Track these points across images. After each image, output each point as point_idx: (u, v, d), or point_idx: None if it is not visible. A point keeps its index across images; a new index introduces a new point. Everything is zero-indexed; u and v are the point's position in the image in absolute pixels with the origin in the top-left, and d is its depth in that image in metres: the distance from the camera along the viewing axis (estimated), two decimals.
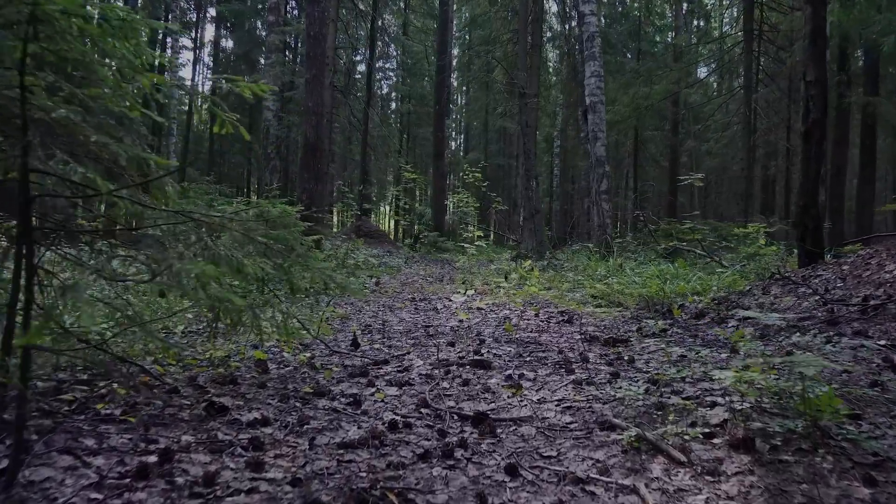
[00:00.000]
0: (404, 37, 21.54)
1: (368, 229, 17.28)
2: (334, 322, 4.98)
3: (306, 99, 9.93)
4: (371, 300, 6.50)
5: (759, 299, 4.31)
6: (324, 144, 9.90)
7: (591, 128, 10.23)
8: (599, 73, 10.28)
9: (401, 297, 6.73)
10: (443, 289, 7.58)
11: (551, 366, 3.08)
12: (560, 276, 7.88)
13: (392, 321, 4.99)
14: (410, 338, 4.12)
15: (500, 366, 3.08)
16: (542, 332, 4.11)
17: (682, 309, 4.43)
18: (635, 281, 5.08)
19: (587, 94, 10.31)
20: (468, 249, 6.34)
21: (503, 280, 6.86)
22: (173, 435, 1.87)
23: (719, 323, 3.99)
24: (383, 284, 8.22)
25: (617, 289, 4.92)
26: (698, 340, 3.60)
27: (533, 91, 13.14)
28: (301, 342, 3.65)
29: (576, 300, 5.30)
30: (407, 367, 3.08)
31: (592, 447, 1.94)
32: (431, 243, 17.05)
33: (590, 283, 6.55)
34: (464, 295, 6.44)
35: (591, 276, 7.36)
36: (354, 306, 6.04)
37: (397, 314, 5.41)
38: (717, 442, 1.88)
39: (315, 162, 9.78)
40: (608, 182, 10.20)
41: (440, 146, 19.48)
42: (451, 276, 9.40)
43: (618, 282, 5.25)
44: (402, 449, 1.94)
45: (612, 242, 10.19)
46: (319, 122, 9.80)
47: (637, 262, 8.08)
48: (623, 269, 7.75)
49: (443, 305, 5.82)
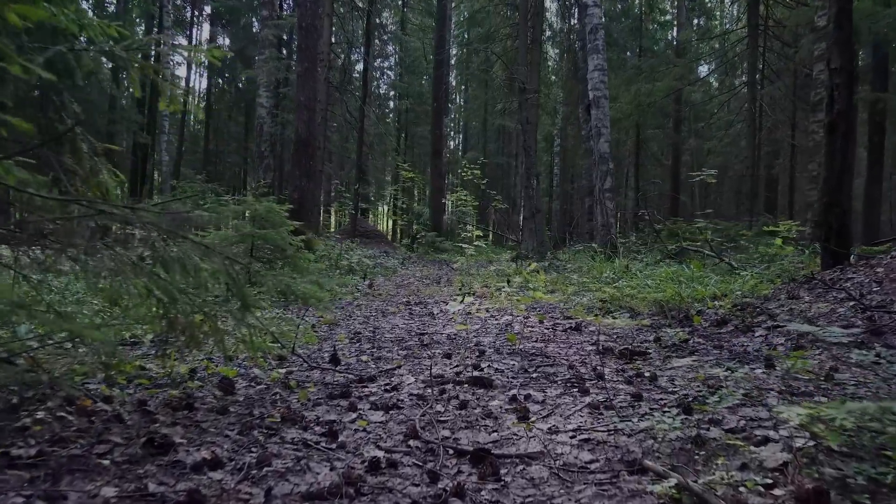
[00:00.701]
0: (402, 33, 21.14)
1: (365, 229, 16.88)
2: (321, 329, 4.59)
3: (297, 93, 9.53)
4: (363, 304, 6.11)
5: (786, 305, 3.92)
6: (316, 140, 9.52)
7: (594, 123, 9.84)
8: (603, 67, 9.89)
9: (395, 301, 6.33)
10: (440, 291, 7.19)
11: (562, 384, 2.69)
12: (563, 279, 7.49)
13: (384, 328, 4.59)
14: (403, 347, 3.73)
15: (502, 384, 2.69)
16: (548, 341, 3.71)
17: (701, 315, 4.04)
18: (647, 284, 4.69)
19: (590, 89, 9.92)
20: (467, 250, 5.95)
21: (505, 283, 6.47)
22: (90, 488, 1.48)
23: (745, 332, 3.60)
24: (377, 286, 7.82)
25: (628, 293, 4.54)
26: (724, 352, 3.21)
27: (533, 86, 12.75)
28: (278, 355, 3.25)
29: (583, 305, 4.91)
30: (396, 386, 2.69)
31: (621, 498, 1.54)
32: (429, 243, 16.65)
33: (596, 285, 6.16)
34: (462, 300, 6.05)
35: (596, 279, 6.97)
36: (346, 311, 5.65)
37: (390, 320, 5.01)
38: (780, 494, 1.48)
39: (307, 159, 9.39)
40: (612, 180, 9.81)
41: (438, 144, 19.08)
42: (448, 278, 9.01)
43: (628, 285, 4.85)
44: (382, 499, 1.55)
45: (618, 242, 9.81)
46: (312, 118, 9.40)
47: (644, 264, 7.69)
48: (630, 270, 7.36)
49: (439, 310, 5.43)
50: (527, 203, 12.31)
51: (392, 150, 23.92)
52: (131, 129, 22.37)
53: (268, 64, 15.81)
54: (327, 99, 15.40)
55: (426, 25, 27.07)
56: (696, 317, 3.82)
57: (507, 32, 16.12)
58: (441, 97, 18.80)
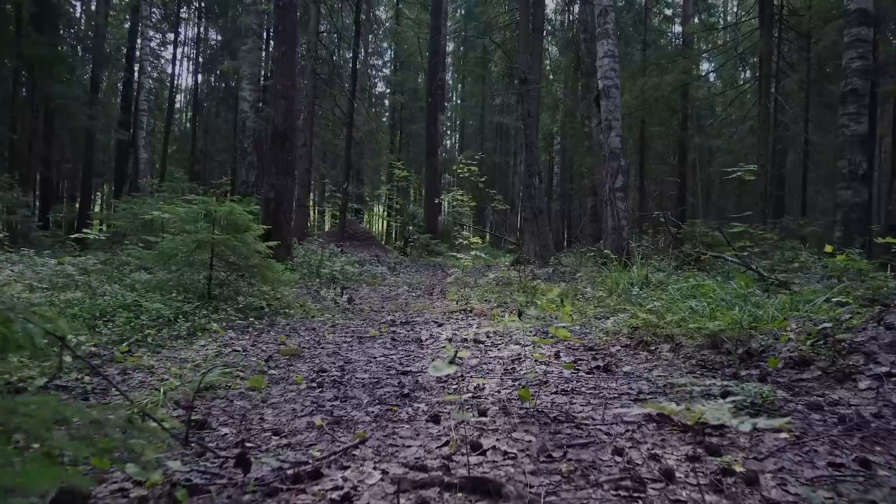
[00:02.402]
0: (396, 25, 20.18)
1: (355, 231, 15.90)
2: (278, 363, 3.62)
3: (274, 80, 8.54)
4: (339, 324, 5.12)
5: (883, 337, 2.96)
6: (295, 133, 8.53)
7: (604, 116, 8.88)
8: (614, 53, 8.93)
9: (378, 320, 5.35)
10: (432, 307, 6.22)
11: (610, 488, 1.71)
12: (574, 290, 6.52)
13: (357, 362, 3.62)
14: (375, 399, 2.76)
15: (516, 491, 1.71)
16: (573, 392, 2.74)
17: (769, 351, 3.08)
18: (692, 307, 3.72)
19: (599, 77, 8.96)
20: (464, 262, 4.98)
21: (507, 299, 5.50)
22: None
23: (840, 380, 2.64)
24: (361, 299, 6.84)
25: (671, 319, 3.57)
26: (827, 415, 2.25)
27: (535, 77, 11.80)
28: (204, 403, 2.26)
29: (607, 331, 3.94)
30: (349, 494, 1.71)
31: None
32: (423, 246, 15.68)
33: (616, 301, 5.19)
34: (456, 320, 5.08)
35: (613, 291, 6.01)
36: (316, 334, 4.67)
37: (367, 349, 4.03)
38: None
39: (285, 154, 8.40)
40: (624, 178, 8.85)
41: (433, 141, 18.11)
42: (442, 288, 8.04)
43: (665, 307, 3.88)
44: None
45: (631, 248, 8.85)
46: (290, 108, 8.41)
47: (666, 274, 6.73)
48: (651, 281, 6.40)
49: (429, 335, 4.46)
50: (527, 203, 11.36)
51: (385, 148, 22.93)
52: (111, 125, 21.37)
53: (250, 54, 14.79)
54: (314, 92, 14.43)
55: (421, 20, 26.14)
56: (772, 359, 2.85)
57: (507, 22, 15.16)
58: (436, 91, 17.83)
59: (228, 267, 6.11)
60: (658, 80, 15.19)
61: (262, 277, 5.85)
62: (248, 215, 5.66)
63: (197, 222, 5.58)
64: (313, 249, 9.73)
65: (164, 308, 4.84)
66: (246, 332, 4.69)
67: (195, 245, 5.47)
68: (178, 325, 4.46)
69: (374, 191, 28.40)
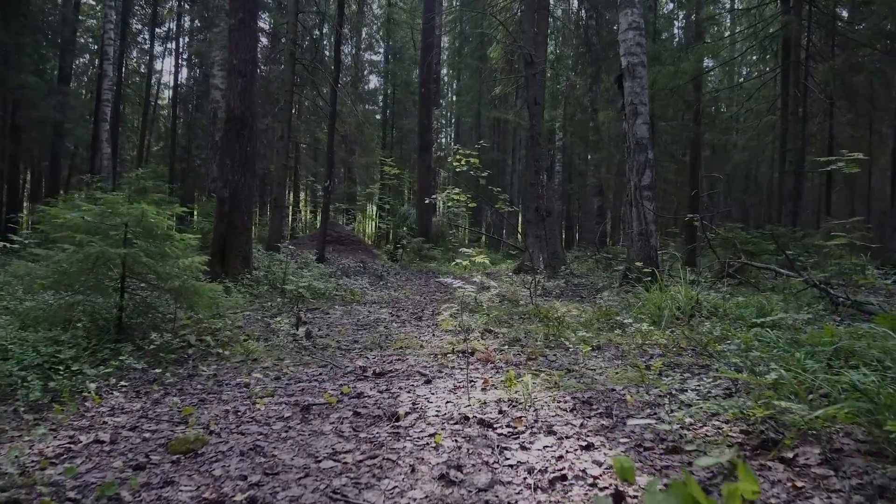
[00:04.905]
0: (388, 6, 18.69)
1: (339, 235, 14.37)
2: (156, 472, 2.12)
3: (230, 54, 7.02)
4: (285, 377, 3.62)
5: None
6: (255, 119, 7.03)
7: (628, 99, 7.42)
8: (639, 25, 7.47)
9: (342, 366, 3.85)
10: (419, 338, 4.73)
11: None
12: (602, 315, 5.04)
13: (286, 475, 2.13)
14: None
15: None
16: None
17: None
18: (852, 383, 2.23)
19: (623, 54, 7.50)
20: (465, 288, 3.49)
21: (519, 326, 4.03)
22: None
23: None
24: (330, 326, 5.34)
25: (797, 389, 2.09)
26: None
27: (541, 59, 10.33)
28: None
29: (695, 413, 2.46)
30: None
31: None
32: (415, 251, 14.17)
33: (670, 338, 3.73)
34: (451, 369, 3.58)
35: (657, 319, 4.54)
36: (245, 396, 3.18)
37: (310, 438, 2.54)
38: None
39: (242, 143, 6.88)
40: (653, 173, 7.39)
41: (426, 136, 16.60)
42: (434, 309, 6.54)
43: (790, 376, 2.40)
44: None
45: (657, 257, 7.40)
46: (249, 87, 6.90)
47: (722, 296, 5.29)
48: (702, 305, 4.94)
49: (411, 403, 2.96)
50: (531, 203, 9.91)
51: (376, 144, 21.41)
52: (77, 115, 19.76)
53: (222, 36, 13.25)
54: (293, 79, 12.89)
55: (415, 7, 24.66)
56: None
57: (507, 2, 13.68)
58: (429, 81, 16.33)
59: (155, 288, 4.60)
60: (674, 69, 13.74)
61: (189, 303, 4.34)
62: (166, 220, 4.15)
63: (97, 233, 4.07)
64: (279, 259, 8.20)
65: (30, 354, 3.34)
66: (142, 395, 3.19)
67: (92, 261, 3.96)
68: (30, 387, 2.95)
69: (365, 190, 26.89)
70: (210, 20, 20.87)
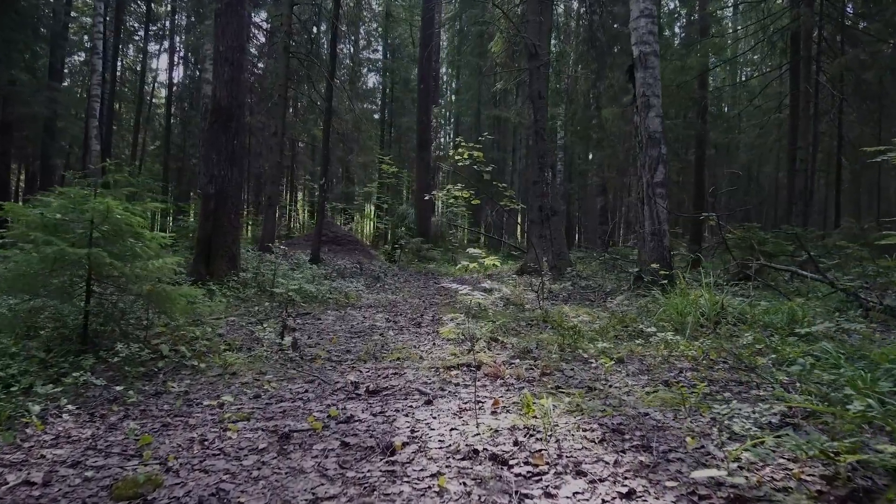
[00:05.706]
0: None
1: (336, 234, 13.91)
2: None
3: (216, 41, 6.57)
4: (265, 395, 3.18)
5: None
6: (242, 110, 6.59)
7: (640, 91, 7.00)
8: (651, 12, 7.05)
9: (331, 382, 3.40)
10: (418, 348, 4.29)
11: None
12: (619, 322, 4.61)
13: None
14: None
15: None
16: None
17: None
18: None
19: (634, 43, 7.08)
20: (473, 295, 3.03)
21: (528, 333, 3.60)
22: None
23: None
24: (320, 334, 4.89)
25: (891, 423, 1.67)
26: None
27: (545, 52, 9.90)
28: None
29: (739, 437, 2.03)
30: None
31: None
32: (414, 251, 13.73)
33: (698, 350, 3.30)
34: (455, 385, 3.15)
35: (681, 327, 4.11)
36: (215, 420, 2.73)
37: (287, 477, 2.09)
38: None
39: (228, 136, 6.44)
40: (665, 169, 6.97)
41: (425, 134, 16.16)
42: (434, 313, 6.10)
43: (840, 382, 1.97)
44: None
45: (670, 257, 6.97)
46: (236, 76, 6.45)
47: (749, 301, 4.86)
48: (727, 311, 4.52)
49: (409, 430, 2.52)
50: (534, 202, 9.47)
51: (374, 143, 20.95)
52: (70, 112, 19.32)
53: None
54: (287, 73, 12.44)
55: (413, 4, 24.25)
56: None
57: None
58: (428, 78, 15.90)
59: (125, 293, 4.14)
60: (681, 64, 13.32)
61: (161, 309, 3.89)
62: (136, 217, 3.70)
63: (58, 231, 3.62)
64: (269, 260, 7.74)
65: None
66: (96, 418, 2.74)
67: (50, 262, 3.52)
68: None
69: (363, 189, 26.44)
70: (203, 15, 20.41)
